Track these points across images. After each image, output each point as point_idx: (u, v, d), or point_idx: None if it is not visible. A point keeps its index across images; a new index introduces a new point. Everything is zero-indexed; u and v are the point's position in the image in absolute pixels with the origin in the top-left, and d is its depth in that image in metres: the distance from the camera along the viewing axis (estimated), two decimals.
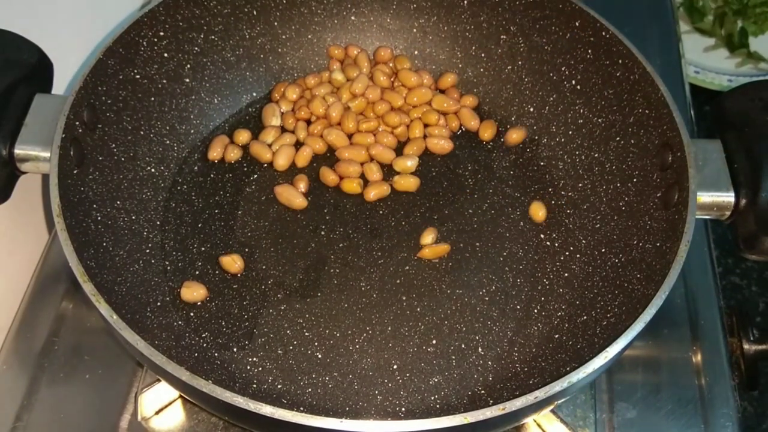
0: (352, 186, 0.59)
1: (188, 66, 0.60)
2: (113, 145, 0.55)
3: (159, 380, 0.52)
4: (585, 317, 0.52)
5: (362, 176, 0.60)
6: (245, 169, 0.60)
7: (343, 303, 0.53)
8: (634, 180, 0.55)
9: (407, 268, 0.55)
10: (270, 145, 0.61)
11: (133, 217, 0.55)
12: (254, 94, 0.64)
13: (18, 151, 0.50)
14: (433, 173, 0.61)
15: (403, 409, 0.49)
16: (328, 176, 0.59)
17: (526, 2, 0.60)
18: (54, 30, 0.61)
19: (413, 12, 0.65)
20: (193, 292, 0.53)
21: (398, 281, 0.55)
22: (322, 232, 0.57)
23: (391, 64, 0.65)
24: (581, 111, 0.59)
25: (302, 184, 0.59)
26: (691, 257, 0.46)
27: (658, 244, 0.50)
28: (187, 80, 0.61)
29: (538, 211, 0.58)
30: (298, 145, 0.61)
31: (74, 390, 0.54)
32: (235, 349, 0.51)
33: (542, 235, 0.57)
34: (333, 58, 0.65)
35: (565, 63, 0.60)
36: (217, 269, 0.55)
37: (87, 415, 0.53)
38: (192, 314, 0.52)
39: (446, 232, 0.57)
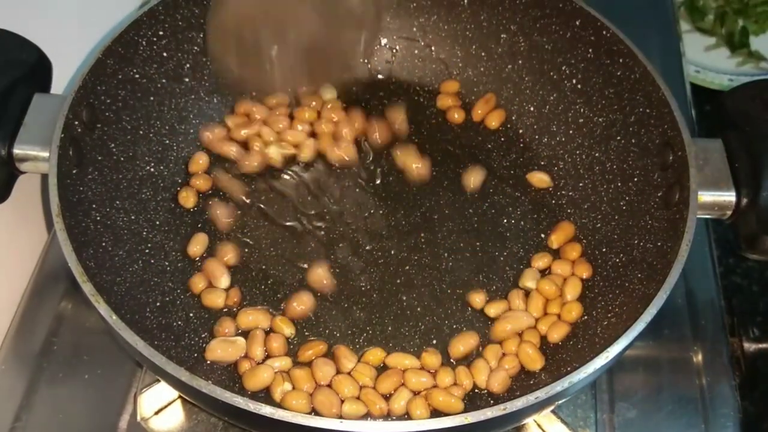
0: None
1: (188, 65, 0.60)
2: (112, 145, 0.55)
3: (158, 380, 0.52)
4: (585, 317, 0.52)
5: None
6: None
7: (343, 303, 0.53)
8: (635, 179, 0.54)
9: (407, 268, 0.55)
10: None
11: (133, 217, 0.54)
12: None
13: (17, 150, 0.50)
14: (433, 173, 0.60)
15: None
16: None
17: (526, 1, 0.60)
18: (54, 30, 0.60)
19: (413, 11, 0.65)
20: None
21: (398, 281, 0.55)
22: (322, 232, 0.57)
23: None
24: (582, 110, 0.59)
25: None
26: (692, 257, 0.46)
27: (659, 244, 0.49)
28: (187, 80, 0.60)
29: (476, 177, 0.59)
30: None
31: (73, 390, 0.54)
32: None
33: (542, 235, 0.57)
34: None
35: (565, 62, 0.60)
36: None
37: (86, 415, 0.53)
38: (192, 314, 0.52)
39: (446, 232, 0.57)
